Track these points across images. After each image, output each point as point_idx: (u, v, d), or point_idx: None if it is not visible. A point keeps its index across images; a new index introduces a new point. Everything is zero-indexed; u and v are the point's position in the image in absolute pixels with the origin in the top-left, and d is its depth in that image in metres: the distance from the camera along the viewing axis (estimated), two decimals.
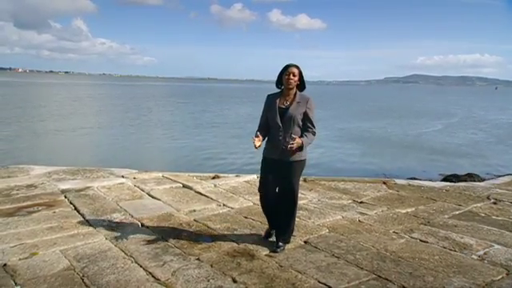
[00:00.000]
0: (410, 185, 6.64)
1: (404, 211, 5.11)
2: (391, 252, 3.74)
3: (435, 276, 3.25)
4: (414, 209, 5.23)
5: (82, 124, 22.25)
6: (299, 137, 3.51)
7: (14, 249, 3.56)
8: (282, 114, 3.54)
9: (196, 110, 35.82)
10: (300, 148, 3.48)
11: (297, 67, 3.57)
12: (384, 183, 6.65)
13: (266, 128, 3.66)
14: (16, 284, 2.96)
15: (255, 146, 3.45)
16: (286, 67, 3.57)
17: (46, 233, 3.95)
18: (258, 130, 3.60)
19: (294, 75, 3.53)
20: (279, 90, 3.66)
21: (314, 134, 3.62)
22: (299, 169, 3.66)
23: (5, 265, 3.25)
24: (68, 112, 28.76)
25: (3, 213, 4.52)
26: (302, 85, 3.63)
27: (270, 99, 3.66)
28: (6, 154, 13.41)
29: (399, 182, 6.90)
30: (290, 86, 3.56)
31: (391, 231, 4.35)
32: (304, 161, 3.66)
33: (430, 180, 8.64)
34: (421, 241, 4.07)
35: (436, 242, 4.02)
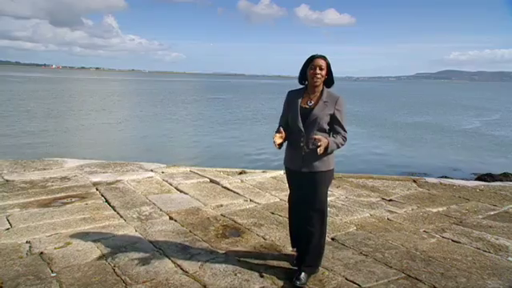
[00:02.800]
0: (441, 183, 6.44)
1: (435, 210, 4.97)
2: (421, 251, 3.65)
3: (468, 277, 3.15)
4: (445, 208, 5.07)
5: (112, 119, 22.88)
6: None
7: (49, 238, 3.71)
8: (305, 116, 2.94)
9: (227, 105, 36.10)
10: (325, 150, 2.83)
11: (324, 58, 2.96)
12: (414, 181, 6.49)
13: (287, 130, 3.07)
14: (52, 271, 3.08)
15: (276, 144, 2.90)
16: (311, 59, 2.96)
17: (79, 223, 4.09)
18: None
19: (320, 69, 2.92)
20: (302, 86, 3.10)
21: (344, 138, 2.98)
22: (326, 181, 3.05)
23: (41, 253, 3.39)
24: (101, 107, 29.60)
25: (40, 203, 4.71)
26: (329, 80, 3.02)
27: (291, 97, 3.08)
28: (42, 146, 13.98)
29: (430, 180, 6.72)
30: (317, 83, 2.96)
31: (421, 230, 4.24)
32: (332, 171, 3.05)
33: (463, 179, 8.35)
34: (453, 241, 3.95)
35: (469, 243, 3.89)
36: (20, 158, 7.32)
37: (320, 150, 2.78)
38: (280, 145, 2.94)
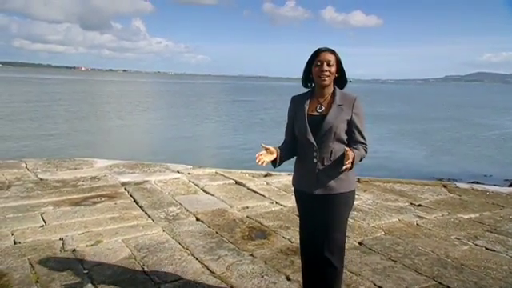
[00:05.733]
0: (473, 189, 6.23)
1: (467, 217, 4.82)
2: (453, 258, 3.54)
3: (504, 287, 3.04)
4: (478, 215, 4.90)
5: (140, 120, 23.39)
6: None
7: (81, 236, 3.82)
8: (316, 125, 2.35)
9: (256, 107, 36.23)
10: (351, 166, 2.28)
11: (332, 52, 2.36)
12: (444, 186, 6.30)
13: (293, 144, 2.52)
14: (84, 268, 3.17)
15: (262, 163, 2.38)
16: (317, 53, 2.37)
17: (108, 222, 4.20)
18: (280, 147, 2.52)
19: (328, 64, 2.33)
20: (308, 90, 2.51)
21: (365, 150, 2.42)
22: (347, 205, 2.43)
23: (74, 250, 3.50)
24: (130, 109, 30.29)
25: (71, 202, 4.85)
26: (342, 79, 2.44)
27: (296, 103, 2.50)
28: (72, 146, 14.43)
29: (461, 185, 6.51)
30: (325, 82, 2.36)
31: (453, 237, 4.11)
32: (353, 193, 2.44)
33: (495, 185, 8.05)
34: (487, 249, 3.81)
35: (504, 252, 3.75)
36: (53, 158, 7.56)
37: (346, 167, 2.21)
38: (263, 164, 2.38)
